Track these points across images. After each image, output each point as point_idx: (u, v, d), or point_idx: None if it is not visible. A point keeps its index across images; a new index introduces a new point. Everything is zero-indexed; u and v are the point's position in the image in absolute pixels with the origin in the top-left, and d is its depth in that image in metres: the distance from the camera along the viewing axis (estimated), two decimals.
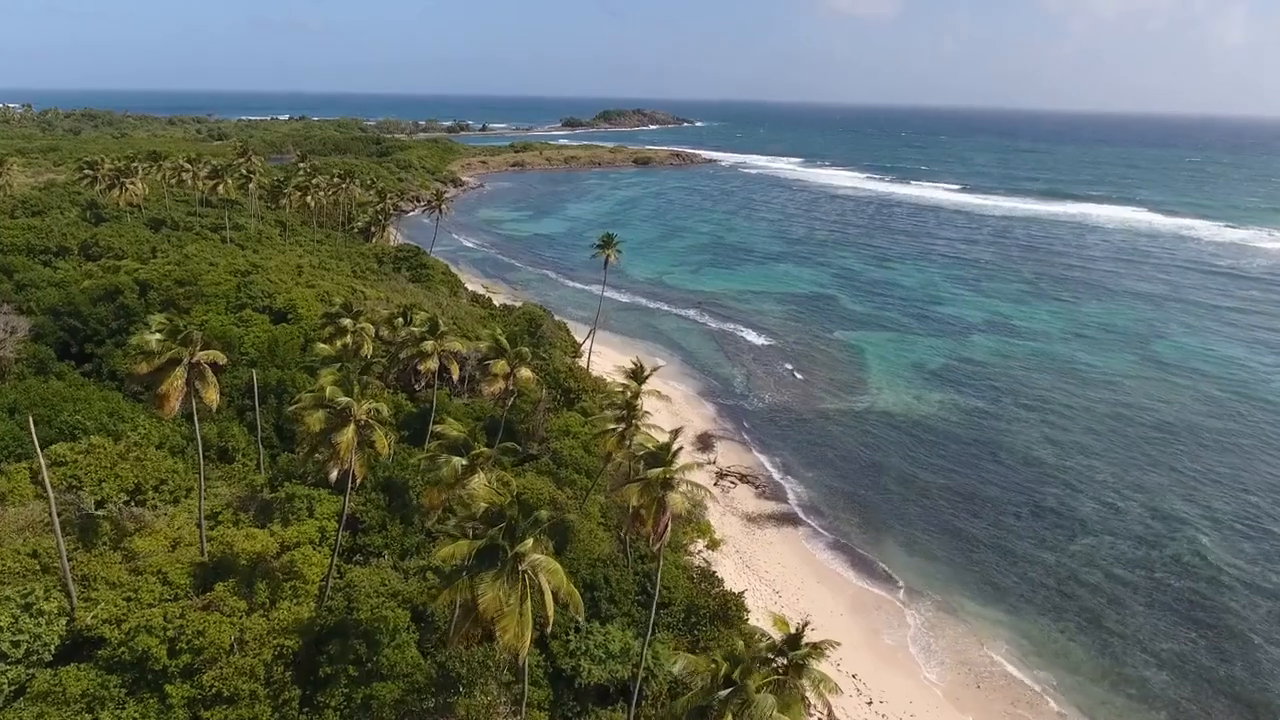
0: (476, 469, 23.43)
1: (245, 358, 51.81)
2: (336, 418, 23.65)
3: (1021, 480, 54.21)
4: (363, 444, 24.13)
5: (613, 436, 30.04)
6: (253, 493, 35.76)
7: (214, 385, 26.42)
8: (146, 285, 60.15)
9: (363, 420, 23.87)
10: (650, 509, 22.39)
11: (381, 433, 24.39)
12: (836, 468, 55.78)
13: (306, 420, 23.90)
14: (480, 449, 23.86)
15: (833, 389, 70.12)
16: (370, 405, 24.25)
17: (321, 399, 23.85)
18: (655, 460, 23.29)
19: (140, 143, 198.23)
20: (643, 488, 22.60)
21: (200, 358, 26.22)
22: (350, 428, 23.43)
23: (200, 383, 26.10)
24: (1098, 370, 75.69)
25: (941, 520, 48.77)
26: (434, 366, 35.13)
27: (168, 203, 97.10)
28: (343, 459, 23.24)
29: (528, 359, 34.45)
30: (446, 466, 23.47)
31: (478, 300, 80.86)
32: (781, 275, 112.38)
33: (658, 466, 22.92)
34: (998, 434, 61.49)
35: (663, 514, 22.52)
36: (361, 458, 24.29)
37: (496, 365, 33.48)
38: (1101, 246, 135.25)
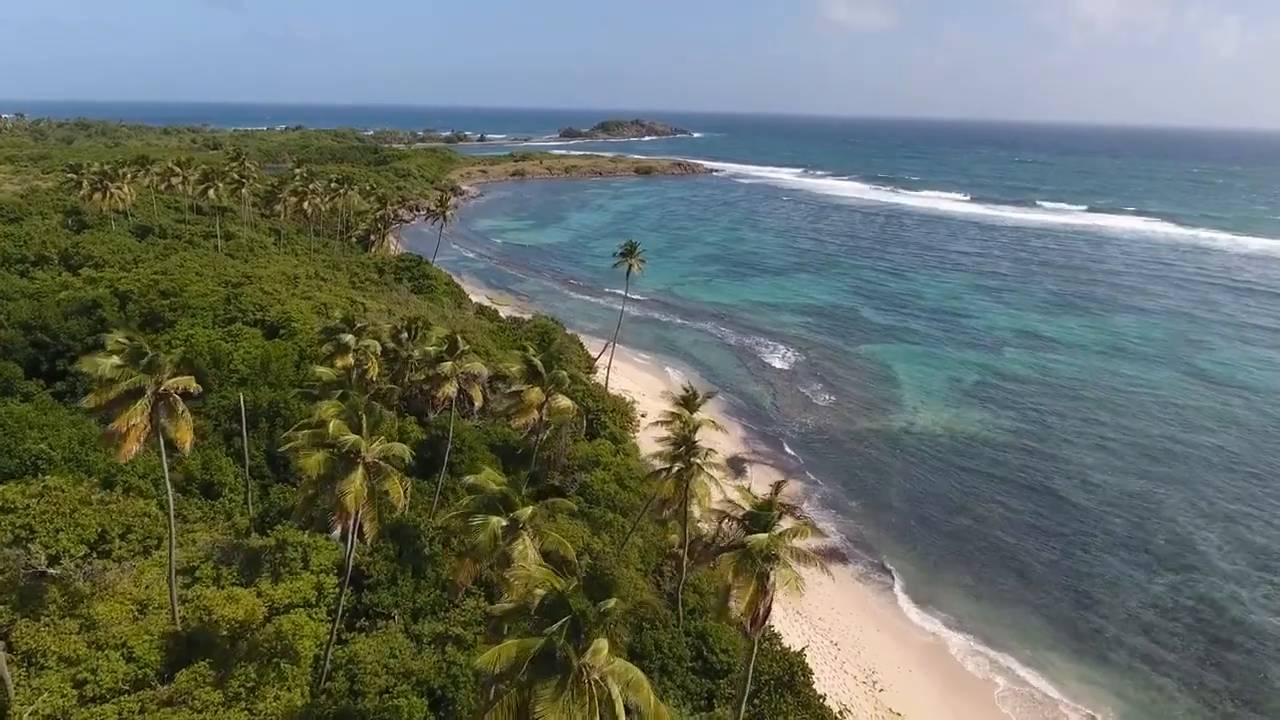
0: (521, 533, 18.64)
1: (235, 376, 47.16)
2: (341, 461, 19.00)
3: (1084, 509, 49.68)
4: (373, 493, 19.47)
5: (668, 479, 25.24)
6: (238, 537, 30.95)
7: (186, 421, 21.61)
8: (127, 297, 55.40)
9: (374, 464, 19.22)
10: (747, 588, 17.70)
11: (396, 479, 19.71)
12: (880, 496, 51.17)
13: (304, 463, 19.22)
14: (525, 506, 19.02)
15: (866, 408, 65.61)
16: (382, 445, 19.61)
17: (322, 437, 19.18)
18: (755, 523, 18.65)
19: (134, 151, 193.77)
20: (739, 560, 17.92)
21: (169, 386, 21.42)
22: (358, 474, 18.80)
23: (169, 418, 21.31)
24: (1142, 386, 71.42)
25: (1004, 556, 44.13)
26: (452, 392, 30.28)
27: (156, 209, 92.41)
28: (349, 512, 18.60)
29: (565, 385, 29.51)
30: (483, 531, 18.61)
31: (483, 312, 76.33)
32: (797, 286, 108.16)
33: (758, 530, 18.30)
34: (1049, 457, 57.01)
35: (764, 595, 17.86)
36: (372, 510, 19.62)
37: (530, 393, 28.52)
38: (1122, 258, 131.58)
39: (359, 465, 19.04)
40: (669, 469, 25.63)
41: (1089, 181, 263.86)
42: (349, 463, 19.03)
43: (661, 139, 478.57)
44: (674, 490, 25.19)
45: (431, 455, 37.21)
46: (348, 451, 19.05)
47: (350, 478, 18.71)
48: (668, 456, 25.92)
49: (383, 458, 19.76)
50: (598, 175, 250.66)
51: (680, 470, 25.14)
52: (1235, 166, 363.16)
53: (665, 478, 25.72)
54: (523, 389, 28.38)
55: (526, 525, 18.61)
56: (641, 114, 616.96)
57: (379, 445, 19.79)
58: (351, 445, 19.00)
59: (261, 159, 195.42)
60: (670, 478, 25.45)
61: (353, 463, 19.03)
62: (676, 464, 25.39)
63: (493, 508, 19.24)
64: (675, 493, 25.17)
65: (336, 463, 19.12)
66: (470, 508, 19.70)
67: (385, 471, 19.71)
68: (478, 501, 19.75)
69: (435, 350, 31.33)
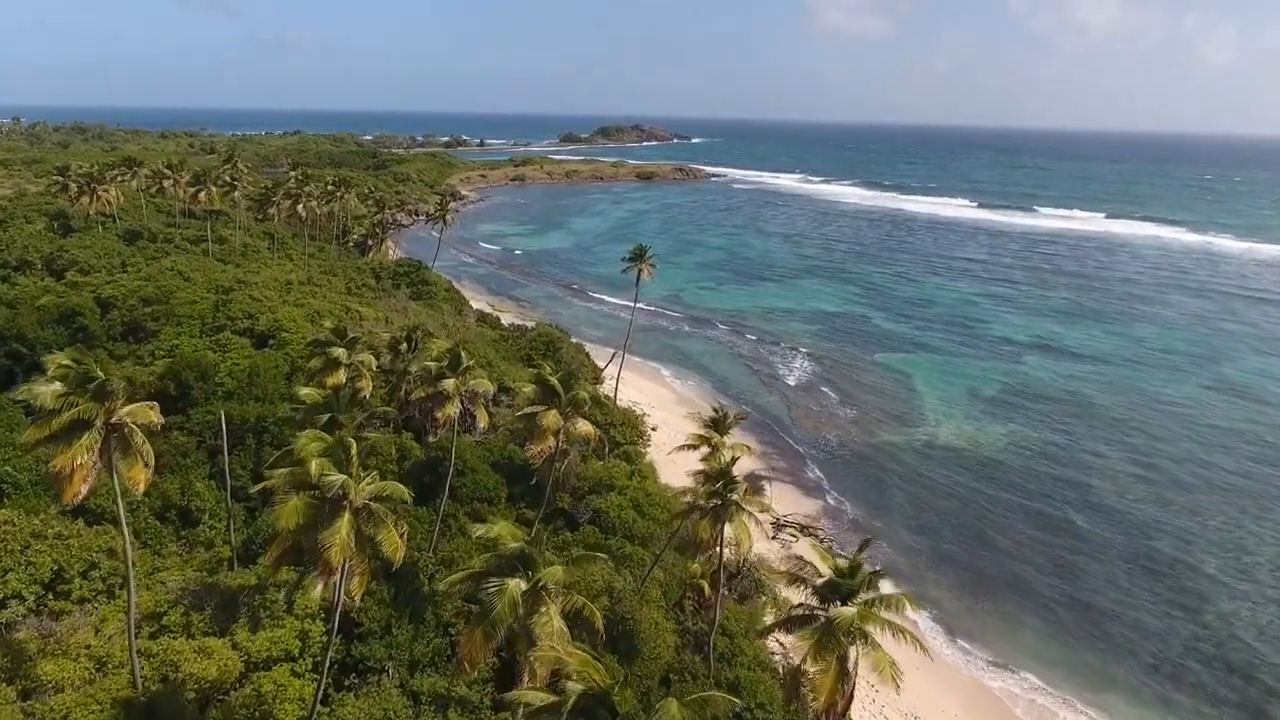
0: (545, 599, 15.38)
1: (221, 389, 44.18)
2: (325, 507, 15.95)
3: (1123, 530, 46.70)
4: (364, 543, 16.44)
5: (702, 520, 21.91)
6: (216, 570, 27.89)
7: (144, 458, 18.35)
8: (109, 304, 52.43)
9: (364, 507, 16.19)
10: (827, 673, 14.56)
11: (391, 525, 16.64)
12: (907, 516, 48.17)
13: (278, 512, 16.18)
14: (549, 564, 15.71)
15: (886, 420, 62.64)
16: (375, 485, 16.56)
17: (301, 478, 16.15)
18: (835, 591, 15.56)
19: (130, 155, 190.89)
20: (818, 639, 14.77)
21: (123, 417, 18.27)
22: (344, 521, 15.77)
23: (122, 454, 18.14)
24: (1171, 397, 68.54)
25: (1043, 586, 41.06)
26: (455, 412, 27.14)
27: (146, 213, 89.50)
28: (334, 567, 15.56)
29: (585, 406, 26.11)
30: (500, 598, 15.30)
31: (485, 320, 73.37)
32: (806, 292, 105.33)
33: (838, 598, 15.20)
34: (1081, 473, 54.08)
35: (847, 680, 14.78)
36: (363, 564, 16.58)
37: (546, 417, 25.07)
38: (1136, 264, 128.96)
39: (345, 511, 16.01)
40: (703, 506, 22.35)
41: (1092, 187, 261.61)
42: (334, 508, 16.00)
43: (661, 144, 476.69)
44: (709, 532, 21.92)
45: (431, 479, 34.23)
46: (334, 496, 16.01)
47: (334, 526, 15.66)
48: (703, 494, 22.64)
49: (375, 499, 16.72)
50: (598, 180, 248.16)
51: (716, 507, 21.98)
52: (1237, 172, 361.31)
53: (699, 517, 22.39)
54: (537, 411, 25.04)
55: (552, 589, 15.42)
56: (641, 119, 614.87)
57: (371, 485, 16.74)
58: (338, 487, 15.96)
59: (259, 163, 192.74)
60: (705, 518, 22.15)
61: (338, 508, 16.00)
62: (712, 501, 22.19)
63: (511, 568, 16.03)
64: (711, 535, 21.90)
65: (318, 509, 16.10)
66: (484, 567, 16.53)
67: (378, 517, 16.63)
68: (493, 561, 16.51)
69: (436, 365, 28.17)
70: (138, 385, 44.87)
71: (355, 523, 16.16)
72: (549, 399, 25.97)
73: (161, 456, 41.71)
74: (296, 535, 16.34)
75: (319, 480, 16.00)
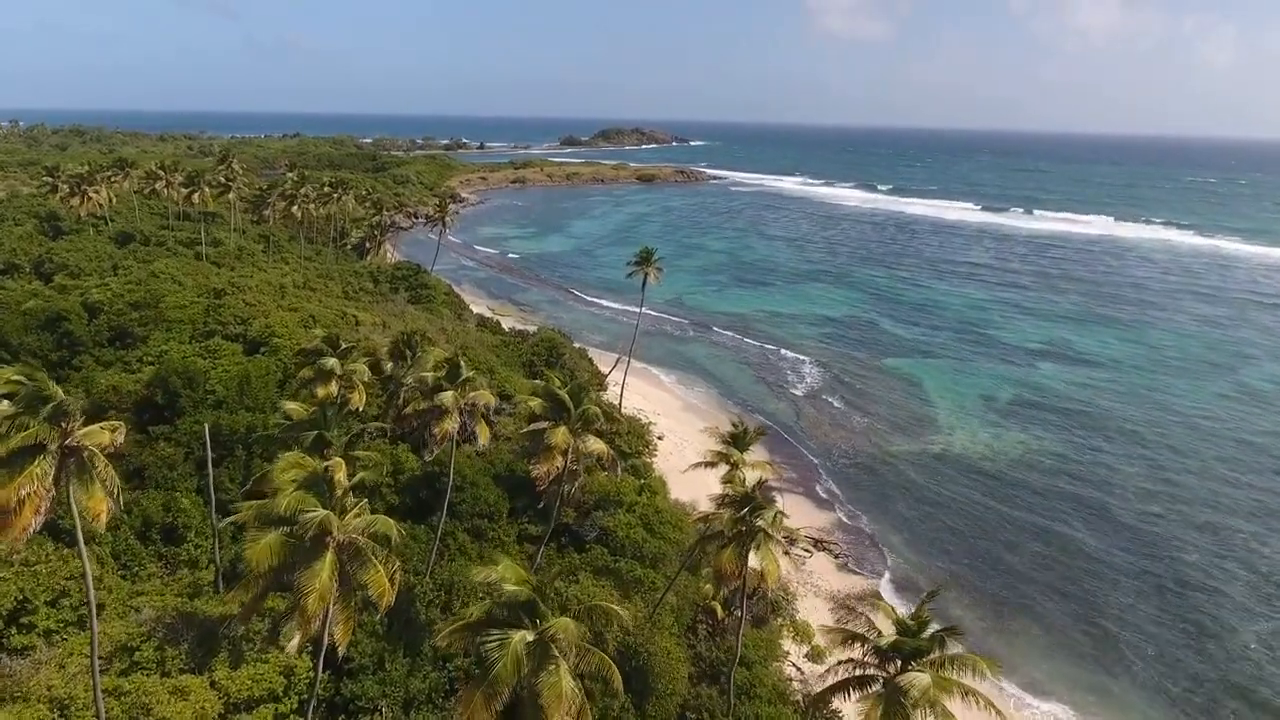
0: (554, 655, 13.41)
1: (211, 397, 42.37)
2: (302, 547, 14.04)
3: (1150, 544, 44.86)
4: (348, 586, 14.55)
5: (727, 550, 19.81)
6: (199, 593, 26.04)
7: (105, 485, 16.36)
8: (96, 308, 50.59)
9: (349, 544, 14.29)
10: None
11: (380, 565, 14.70)
12: (923, 529, 46.33)
13: (248, 554, 14.22)
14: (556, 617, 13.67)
15: (898, 428, 60.82)
16: (362, 518, 14.68)
17: (272, 514, 14.20)
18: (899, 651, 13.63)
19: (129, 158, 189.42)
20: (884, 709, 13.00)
21: (80, 440, 16.32)
22: (326, 562, 13.88)
23: (80, 482, 16.20)
24: (1190, 403, 66.75)
25: (1071, 606, 39.22)
26: (453, 428, 25.17)
27: (140, 215, 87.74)
28: (312, 616, 13.65)
29: (597, 422, 23.96)
30: (502, 654, 13.25)
31: (485, 324, 71.56)
32: (812, 296, 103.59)
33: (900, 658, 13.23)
34: (1102, 483, 52.27)
35: None
36: (347, 609, 14.66)
37: (554, 434, 22.87)
38: (1146, 268, 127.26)
39: (327, 550, 14.11)
40: (725, 534, 20.33)
41: (1095, 190, 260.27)
42: (313, 547, 14.10)
43: (661, 147, 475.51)
44: (734, 564, 19.91)
45: (428, 494, 32.41)
46: (314, 534, 14.12)
47: (314, 569, 13.76)
48: (727, 520, 20.64)
49: (363, 534, 14.80)
50: (599, 183, 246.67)
51: (741, 534, 20.01)
52: (1237, 175, 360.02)
53: (722, 545, 20.37)
54: (544, 428, 22.94)
55: (562, 642, 13.46)
56: (641, 122, 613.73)
57: (357, 518, 14.87)
58: (318, 524, 14.06)
59: (258, 166, 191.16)
60: (729, 547, 20.14)
61: (319, 546, 14.10)
62: (737, 528, 20.22)
63: (514, 618, 14.05)
64: (736, 567, 19.90)
65: (295, 548, 14.21)
66: (484, 615, 14.54)
67: (365, 555, 14.73)
68: (494, 609, 14.55)
69: (433, 376, 26.21)
70: (122, 394, 43.41)
71: (338, 563, 14.31)
72: (557, 414, 23.84)
73: (146, 469, 40.29)
74: (270, 578, 14.49)
75: (295, 515, 14.12)
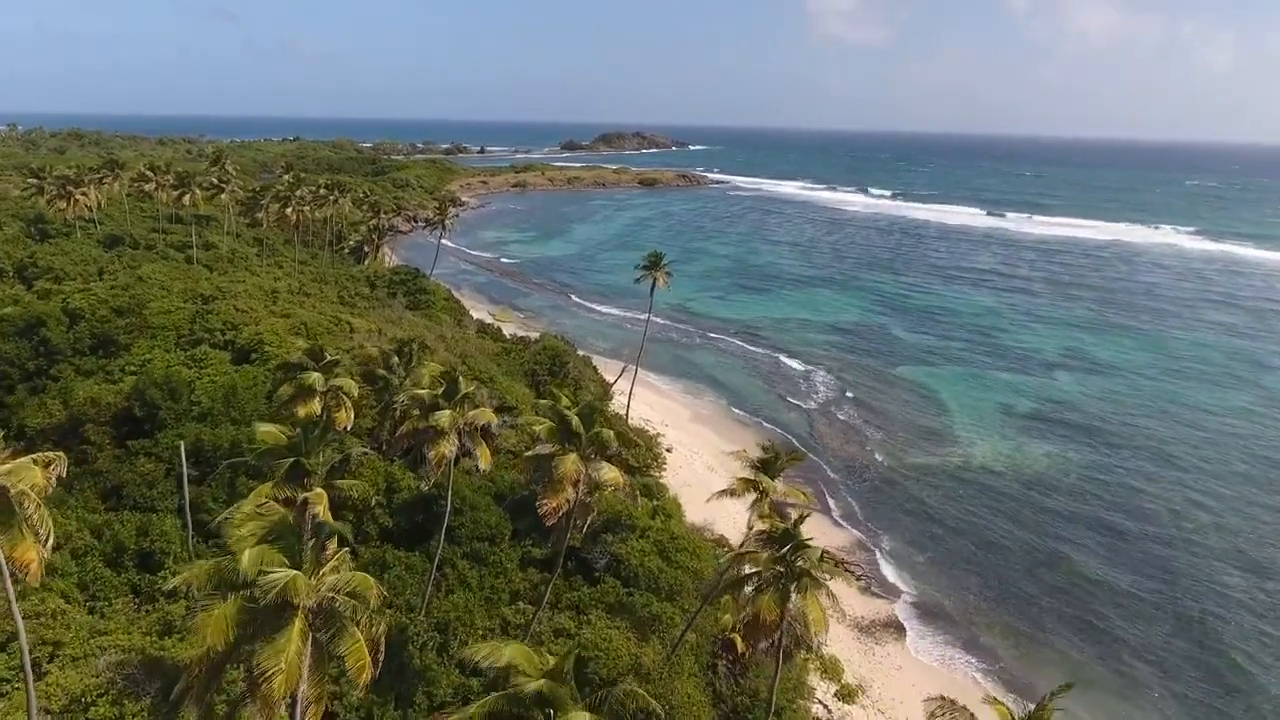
0: None
1: (196, 409, 40.04)
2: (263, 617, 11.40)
3: (1187, 565, 42.43)
4: (321, 660, 12.02)
5: (765, 595, 17.18)
6: (171, 629, 23.63)
7: (34, 529, 13.86)
8: (78, 314, 48.21)
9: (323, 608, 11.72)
10: None
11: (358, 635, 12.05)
12: (949, 549, 43.91)
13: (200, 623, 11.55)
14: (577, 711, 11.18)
15: (915, 439, 58.45)
16: (339, 575, 12.17)
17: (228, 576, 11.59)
18: None
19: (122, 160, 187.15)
20: None
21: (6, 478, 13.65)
22: (293, 634, 11.25)
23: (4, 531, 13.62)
24: (1215, 416, 64.36)
25: (1111, 632, 36.82)
26: (449, 452, 22.49)
27: (131, 218, 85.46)
28: (276, 700, 11.08)
29: (611, 447, 20.74)
30: None
31: (485, 331, 69.22)
32: (820, 302, 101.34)
33: None
34: (1133, 498, 49.90)
35: None
36: (318, 687, 12.07)
37: (564, 463, 19.67)
38: (1158, 273, 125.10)
39: (294, 618, 11.57)
40: (761, 577, 17.72)
41: (1099, 194, 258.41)
42: (277, 616, 11.55)
43: (662, 151, 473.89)
44: (775, 611, 17.35)
45: (424, 518, 30.02)
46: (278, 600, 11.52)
47: (277, 643, 11.18)
48: (764, 561, 18.05)
49: (340, 593, 12.25)
50: (601, 187, 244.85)
51: (781, 577, 17.47)
52: (1238, 179, 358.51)
53: (757, 589, 17.79)
54: (552, 452, 20.29)
55: None
56: (641, 127, 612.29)
57: (334, 573, 12.33)
58: (282, 588, 11.47)
59: (257, 169, 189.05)
60: (768, 592, 17.58)
61: (285, 614, 11.54)
62: (776, 569, 17.68)
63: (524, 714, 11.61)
64: (777, 615, 17.35)
65: (255, 617, 11.68)
66: (489, 710, 12.11)
67: (341, 621, 12.16)
68: (501, 704, 12.09)
69: (428, 394, 23.62)
70: (101, 405, 41.02)
71: (309, 632, 11.82)
72: (566, 438, 20.94)
73: (124, 487, 37.87)
74: (225, 656, 12.01)
75: (256, 575, 11.64)
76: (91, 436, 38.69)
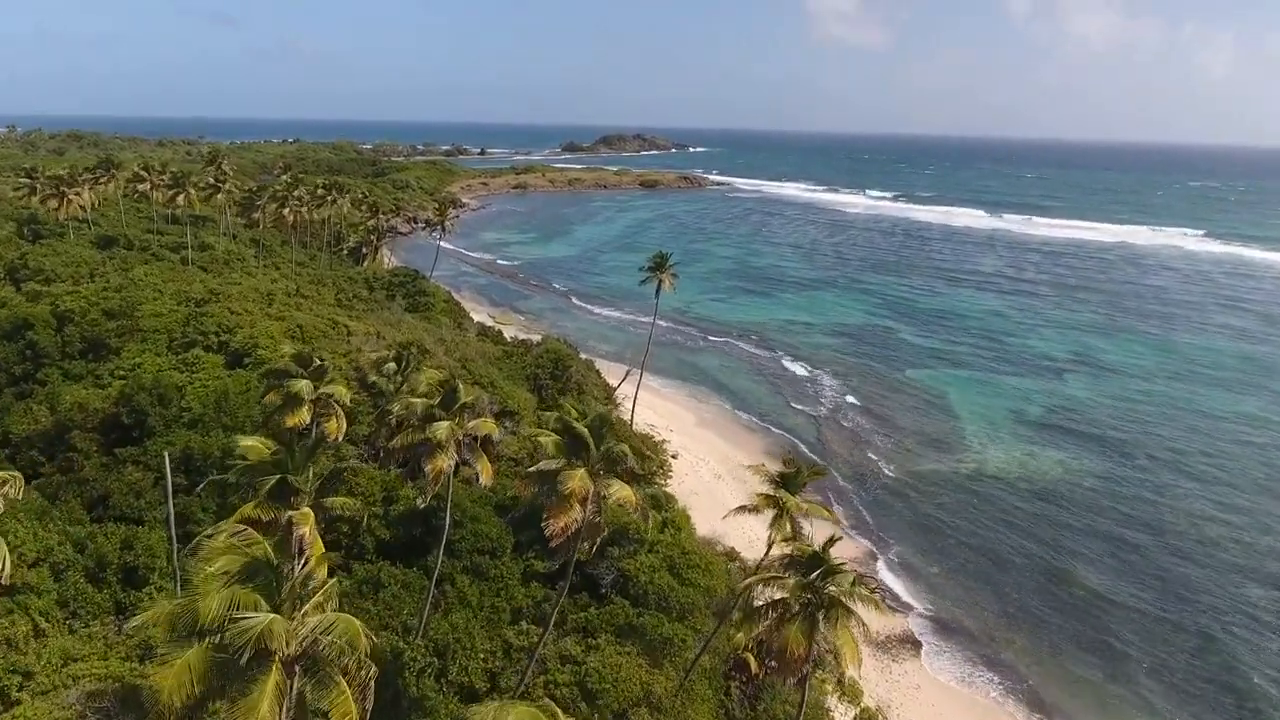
0: None
1: (186, 415, 38.79)
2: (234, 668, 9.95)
3: (1206, 581, 40.88)
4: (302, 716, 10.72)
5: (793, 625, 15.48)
6: (148, 655, 22.20)
7: None
8: (67, 317, 46.96)
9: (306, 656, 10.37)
10: None
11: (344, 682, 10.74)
12: (963, 561, 42.55)
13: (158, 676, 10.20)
14: None
15: (925, 446, 57.13)
16: (323, 616, 10.81)
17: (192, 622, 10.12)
18: None
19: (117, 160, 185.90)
20: None
21: None
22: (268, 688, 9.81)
23: None
24: (1230, 419, 63.07)
25: (1139, 647, 35.48)
26: (447, 465, 21.12)
27: (127, 218, 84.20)
28: None
29: (624, 463, 18.70)
30: None
31: (486, 334, 67.91)
32: (824, 304, 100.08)
33: None
34: (1151, 507, 48.55)
35: None
36: None
37: (571, 479, 17.69)
38: (1166, 275, 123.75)
39: (270, 669, 10.23)
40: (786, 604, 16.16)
41: (1101, 197, 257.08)
42: (251, 667, 10.20)
43: (662, 153, 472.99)
44: (804, 644, 15.87)
45: (422, 530, 28.69)
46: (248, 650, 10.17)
47: (250, 698, 9.85)
48: (792, 588, 16.47)
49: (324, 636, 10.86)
50: (602, 188, 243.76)
51: (810, 605, 15.93)
52: (1240, 182, 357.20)
53: (781, 618, 16.23)
54: (558, 468, 18.68)
55: None
56: (642, 129, 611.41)
57: (318, 612, 10.99)
58: (255, 637, 10.14)
59: (256, 170, 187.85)
60: (796, 622, 16.08)
61: (260, 664, 10.20)
62: (804, 597, 16.13)
63: None
64: (806, 648, 15.88)
65: (225, 668, 10.32)
66: None
67: (324, 670, 10.81)
68: None
69: (424, 404, 22.11)
70: (88, 411, 39.70)
71: (287, 684, 10.48)
72: (574, 453, 19.09)
73: (110, 497, 36.53)
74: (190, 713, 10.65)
75: (227, 627, 10.28)
76: (78, 444, 37.41)
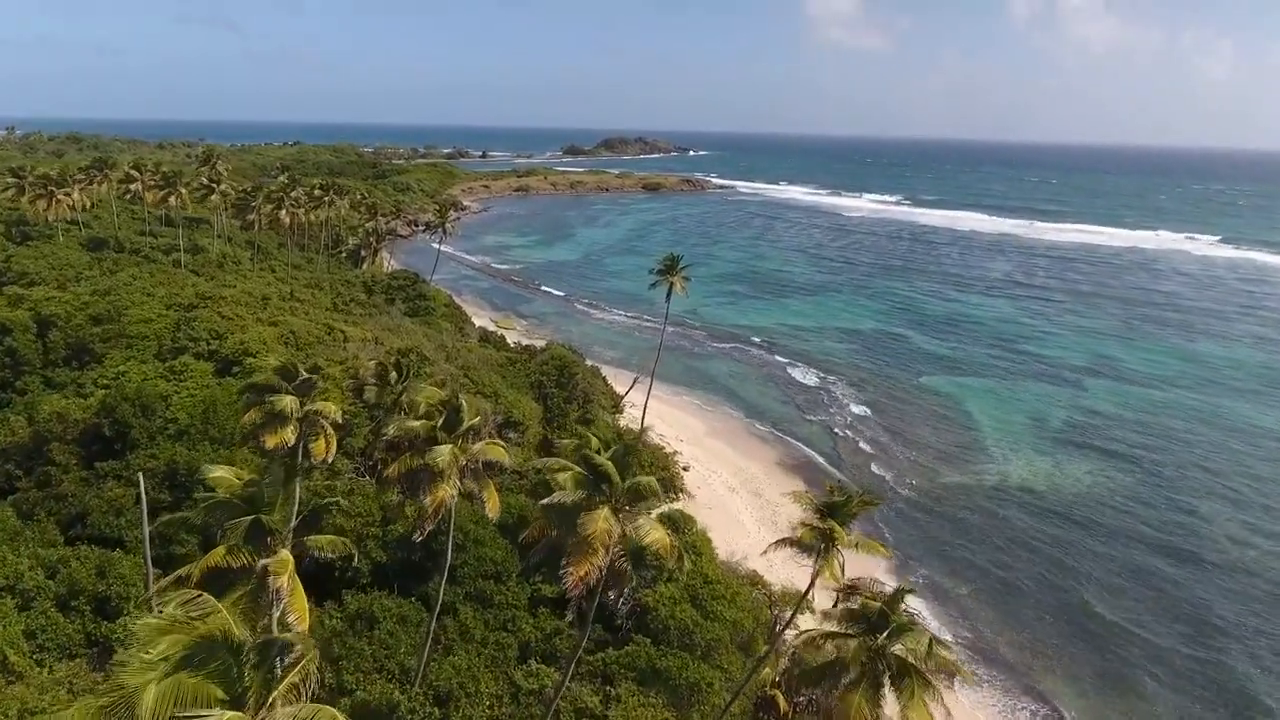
0: None
1: (173, 425, 36.66)
2: None
3: (1242, 614, 38.15)
4: None
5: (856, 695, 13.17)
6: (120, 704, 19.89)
7: None
8: (50, 322, 44.78)
9: None
10: None
11: None
12: (993, 581, 40.30)
13: None
14: None
15: (945, 457, 54.90)
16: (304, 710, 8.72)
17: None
18: None
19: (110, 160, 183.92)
20: None
21: None
22: None
23: None
24: (1260, 429, 60.88)
25: (1183, 672, 33.26)
26: (448, 497, 18.60)
27: (119, 220, 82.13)
28: None
29: (652, 496, 16.20)
30: None
31: (488, 339, 65.74)
32: (834, 308, 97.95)
33: None
34: (1185, 523, 46.30)
35: None
36: None
37: (593, 520, 15.20)
38: (1180, 280, 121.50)
39: None
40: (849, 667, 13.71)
41: (1107, 201, 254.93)
42: None
43: (664, 157, 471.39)
44: (869, 712, 13.57)
45: (422, 555, 26.46)
46: None
47: None
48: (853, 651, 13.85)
49: None
50: (604, 191, 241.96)
51: (873, 666, 13.57)
52: (1242, 185, 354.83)
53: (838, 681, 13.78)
54: (577, 502, 16.12)
55: None
56: (643, 132, 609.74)
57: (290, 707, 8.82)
58: None
59: (255, 173, 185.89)
60: (859, 688, 13.68)
61: None
62: (867, 658, 13.70)
63: None
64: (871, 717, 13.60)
65: None
66: None
67: None
68: None
69: (425, 426, 19.75)
70: (69, 422, 37.50)
71: None
72: (595, 488, 16.34)
73: (89, 515, 34.31)
74: None
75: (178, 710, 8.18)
76: (56, 457, 35.25)
